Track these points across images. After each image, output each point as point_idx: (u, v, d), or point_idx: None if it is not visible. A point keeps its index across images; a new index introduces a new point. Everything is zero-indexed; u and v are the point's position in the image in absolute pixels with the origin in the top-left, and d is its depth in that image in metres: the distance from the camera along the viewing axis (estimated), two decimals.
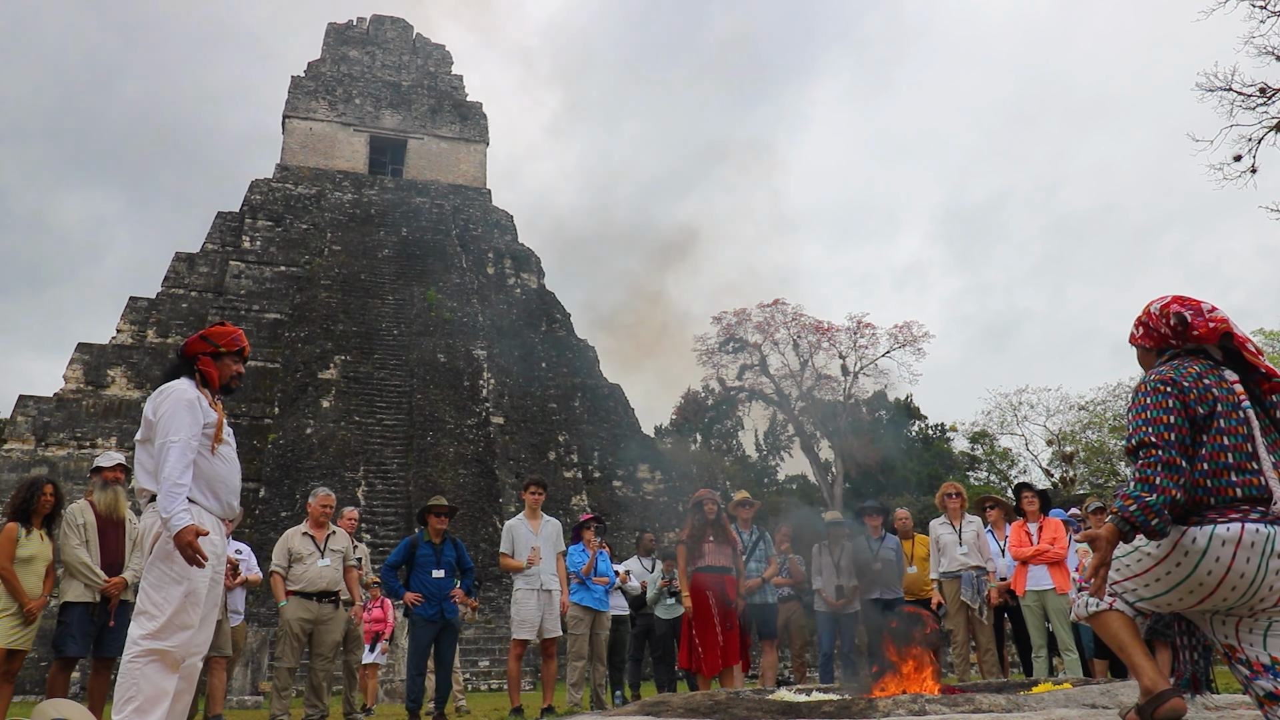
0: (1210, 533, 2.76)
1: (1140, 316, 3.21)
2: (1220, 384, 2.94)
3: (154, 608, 3.71)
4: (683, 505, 22.19)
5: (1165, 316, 3.10)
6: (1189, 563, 2.79)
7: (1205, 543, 2.76)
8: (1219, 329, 3.00)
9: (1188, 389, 2.90)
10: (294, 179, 28.76)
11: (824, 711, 3.85)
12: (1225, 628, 2.91)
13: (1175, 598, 2.88)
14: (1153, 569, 2.88)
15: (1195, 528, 2.80)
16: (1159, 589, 2.88)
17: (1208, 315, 3.03)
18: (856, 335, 35.78)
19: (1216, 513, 2.79)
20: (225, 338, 4.14)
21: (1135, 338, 3.23)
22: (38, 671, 13.67)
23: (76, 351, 22.44)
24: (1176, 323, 3.06)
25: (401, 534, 18.42)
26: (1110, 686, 4.05)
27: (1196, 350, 3.06)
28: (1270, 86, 13.07)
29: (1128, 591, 2.96)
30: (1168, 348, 3.11)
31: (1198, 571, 2.78)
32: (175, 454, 3.73)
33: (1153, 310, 3.16)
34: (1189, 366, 2.98)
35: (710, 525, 7.79)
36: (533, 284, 28.49)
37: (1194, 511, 2.83)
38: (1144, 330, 3.19)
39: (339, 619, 7.68)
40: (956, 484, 9.01)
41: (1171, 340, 3.10)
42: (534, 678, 15.27)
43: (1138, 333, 3.22)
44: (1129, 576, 2.95)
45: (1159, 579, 2.87)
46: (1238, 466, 2.82)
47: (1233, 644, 2.88)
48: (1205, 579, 2.78)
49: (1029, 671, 8.11)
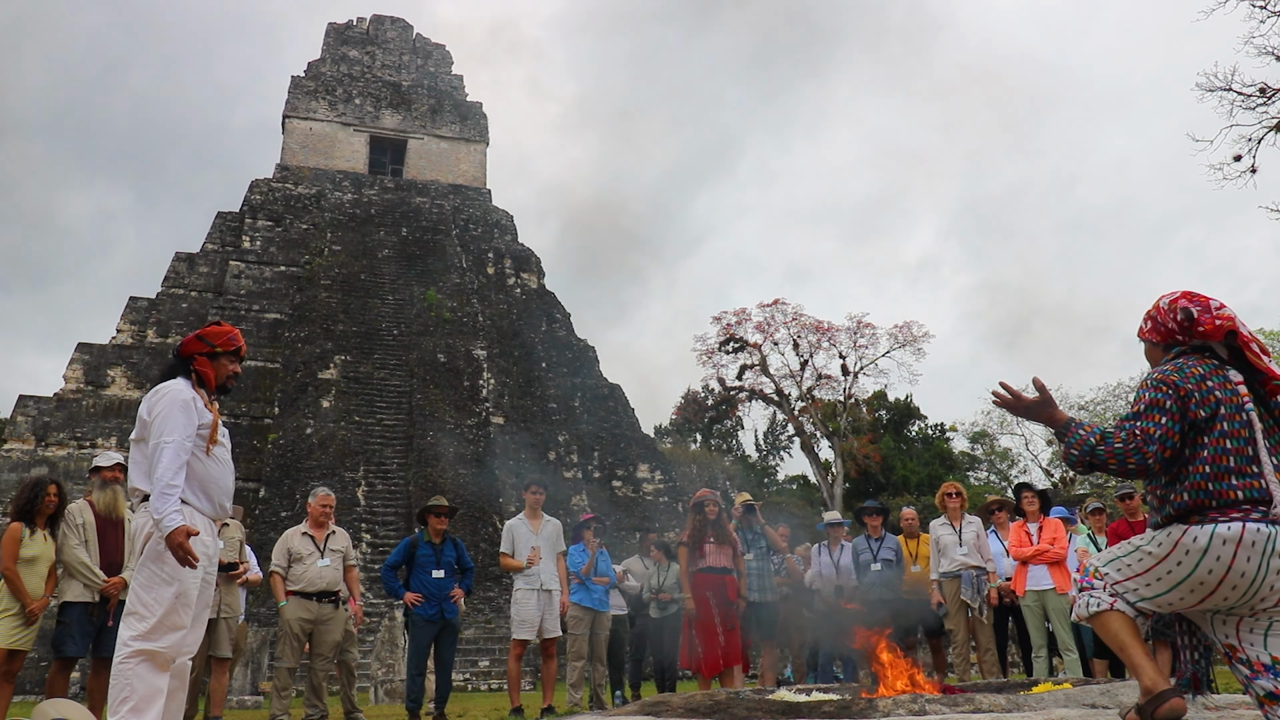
0: (1211, 531, 2.76)
1: (1150, 310, 3.21)
2: (1224, 385, 2.93)
3: (144, 609, 3.70)
4: (683, 505, 22.19)
5: (1173, 311, 3.10)
6: (1190, 561, 2.79)
7: (1206, 541, 2.76)
8: (1224, 327, 3.00)
9: (1190, 392, 2.90)
10: (294, 179, 28.75)
11: (824, 711, 3.85)
12: (1226, 627, 2.91)
13: (1176, 597, 2.88)
14: (1153, 568, 2.88)
15: (1196, 526, 2.80)
16: (1160, 588, 2.88)
17: (1215, 312, 3.02)
18: (856, 335, 35.77)
19: (1218, 512, 2.79)
20: (221, 337, 4.13)
21: (1143, 331, 3.23)
22: (38, 671, 13.67)
23: (76, 351, 22.45)
24: (1183, 318, 3.06)
25: (401, 534, 18.42)
26: (1110, 686, 4.05)
27: (1202, 348, 3.05)
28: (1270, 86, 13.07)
29: (1129, 591, 2.95)
30: (1174, 343, 3.11)
31: (1198, 570, 2.78)
32: (169, 455, 3.73)
33: (1161, 305, 3.15)
34: (1193, 367, 2.97)
35: (711, 526, 7.78)
36: (533, 284, 28.48)
37: (1195, 511, 2.83)
38: (1152, 324, 3.18)
39: (339, 619, 7.68)
40: (956, 484, 9.01)
41: (1178, 336, 3.09)
42: (534, 678, 15.26)
43: (1146, 326, 3.22)
44: (1130, 576, 2.95)
45: (1159, 578, 2.87)
46: (1239, 470, 2.82)
47: (1233, 644, 2.88)
48: (1206, 578, 2.78)
49: (1029, 671, 8.11)
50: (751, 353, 36.16)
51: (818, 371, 35.95)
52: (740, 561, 7.94)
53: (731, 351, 36.26)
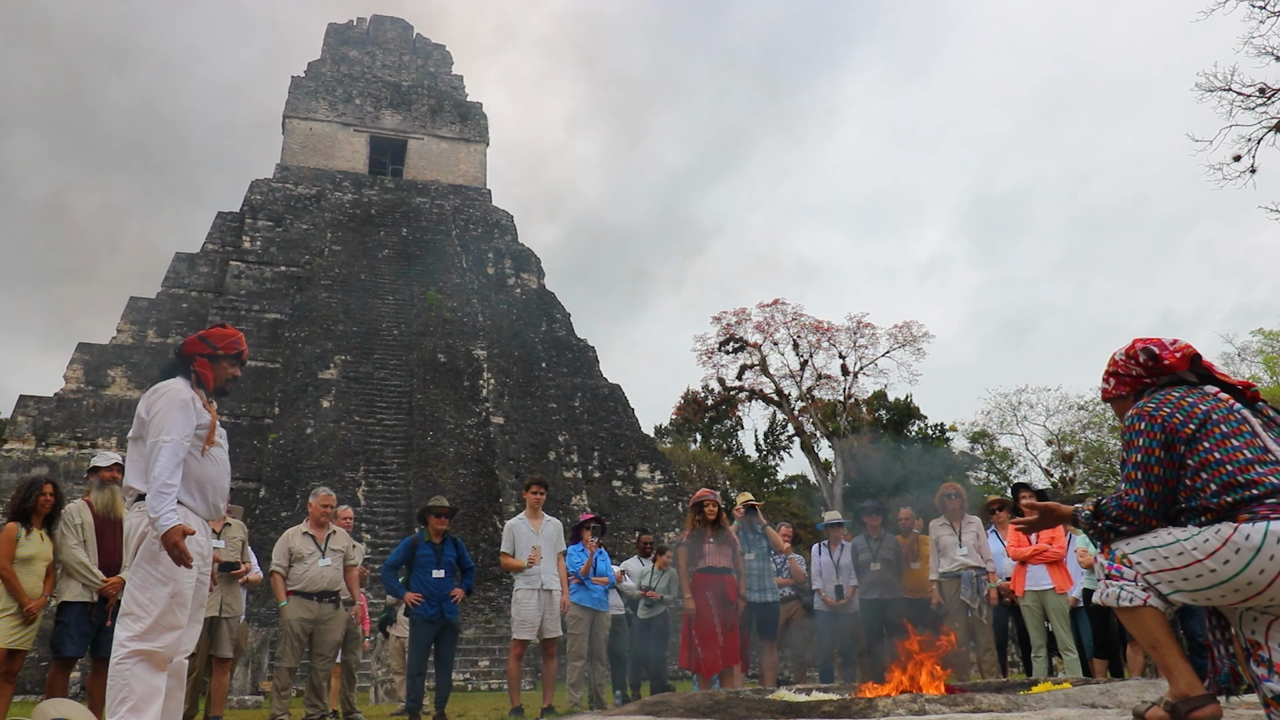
0: (1265, 529, 2.65)
1: (1108, 369, 3.26)
2: (1204, 398, 2.97)
3: (139, 609, 3.70)
4: (683, 505, 22.19)
5: (1133, 356, 3.17)
6: (1239, 560, 2.68)
7: (1260, 540, 2.65)
8: (1187, 354, 3.09)
9: (1169, 415, 2.92)
10: (294, 179, 28.75)
11: (824, 711, 3.85)
12: (1256, 624, 2.81)
13: (1217, 594, 2.77)
14: (1195, 564, 2.77)
15: (1248, 524, 2.69)
16: (1201, 584, 2.77)
17: (1173, 347, 3.12)
18: (856, 335, 35.76)
19: (1267, 508, 2.69)
20: (224, 340, 4.13)
21: (1108, 392, 3.27)
22: (38, 671, 13.67)
23: (77, 351, 22.46)
24: (1146, 358, 3.13)
25: (401, 534, 18.42)
26: (1110, 686, 4.04)
27: (1173, 381, 3.11)
28: (1270, 86, 13.07)
29: (1163, 583, 2.84)
30: (1144, 387, 3.16)
31: (1248, 570, 2.67)
32: (166, 454, 3.73)
33: (1118, 358, 3.22)
34: (1169, 393, 3.03)
35: (711, 526, 7.79)
36: (533, 284, 28.48)
37: (1242, 507, 2.73)
38: (1115, 380, 3.24)
39: (339, 619, 7.69)
40: (956, 484, 9.02)
41: (1146, 379, 3.15)
42: (534, 678, 15.26)
43: (1109, 386, 3.26)
44: (1166, 569, 2.84)
45: (1201, 575, 2.76)
46: (1258, 459, 2.79)
47: (1258, 640, 2.78)
48: (1256, 578, 2.67)
49: (1029, 671, 8.11)
50: (751, 353, 36.15)
51: (818, 371, 35.96)
52: (740, 561, 7.94)
53: (731, 351, 36.26)
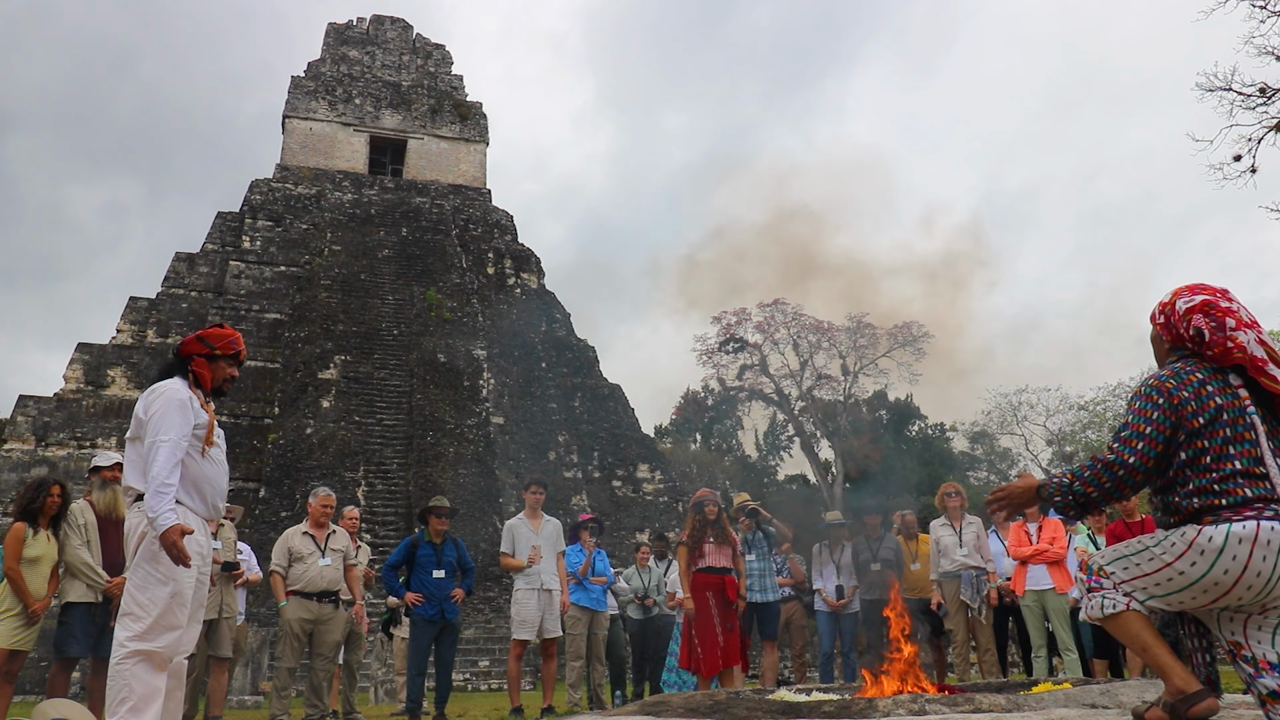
0: (1227, 531, 2.74)
1: (1166, 304, 3.13)
2: (1224, 390, 2.91)
3: (139, 609, 3.70)
4: (683, 505, 22.19)
5: (1187, 321, 3.04)
6: (1205, 562, 2.76)
7: (1222, 541, 2.73)
8: (1235, 357, 2.93)
9: (1185, 400, 2.88)
10: (294, 179, 28.75)
11: (824, 711, 3.85)
12: (1233, 625, 2.87)
13: (1189, 596, 2.85)
14: (1164, 569, 2.85)
15: (1211, 526, 2.77)
16: (1171, 588, 2.85)
17: (1229, 333, 2.94)
18: (856, 335, 35.77)
19: (1230, 511, 2.77)
20: (222, 340, 4.13)
21: (1156, 323, 3.18)
22: (38, 671, 13.67)
23: (76, 351, 22.45)
24: (1194, 335, 3.03)
25: (401, 534, 18.42)
26: (1110, 686, 4.04)
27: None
28: (1270, 86, 13.06)
29: (1137, 590, 2.92)
30: (1181, 348, 3.09)
31: (1214, 570, 2.75)
32: (164, 454, 3.73)
33: (1179, 307, 3.07)
34: (1192, 373, 2.96)
35: (710, 526, 7.79)
36: (533, 284, 28.48)
37: (1207, 511, 2.81)
38: (1165, 321, 3.13)
39: (339, 619, 7.69)
40: (956, 484, 9.02)
41: (1187, 344, 3.07)
42: (534, 678, 15.26)
43: (1160, 319, 3.16)
44: (1137, 575, 2.91)
45: (1171, 579, 2.84)
46: (1245, 471, 2.81)
47: (1239, 640, 2.85)
48: (1221, 578, 2.75)
49: (1029, 671, 8.11)
50: (751, 353, 36.17)
51: (818, 371, 35.99)
52: (740, 561, 7.94)
53: (731, 352, 36.28)
